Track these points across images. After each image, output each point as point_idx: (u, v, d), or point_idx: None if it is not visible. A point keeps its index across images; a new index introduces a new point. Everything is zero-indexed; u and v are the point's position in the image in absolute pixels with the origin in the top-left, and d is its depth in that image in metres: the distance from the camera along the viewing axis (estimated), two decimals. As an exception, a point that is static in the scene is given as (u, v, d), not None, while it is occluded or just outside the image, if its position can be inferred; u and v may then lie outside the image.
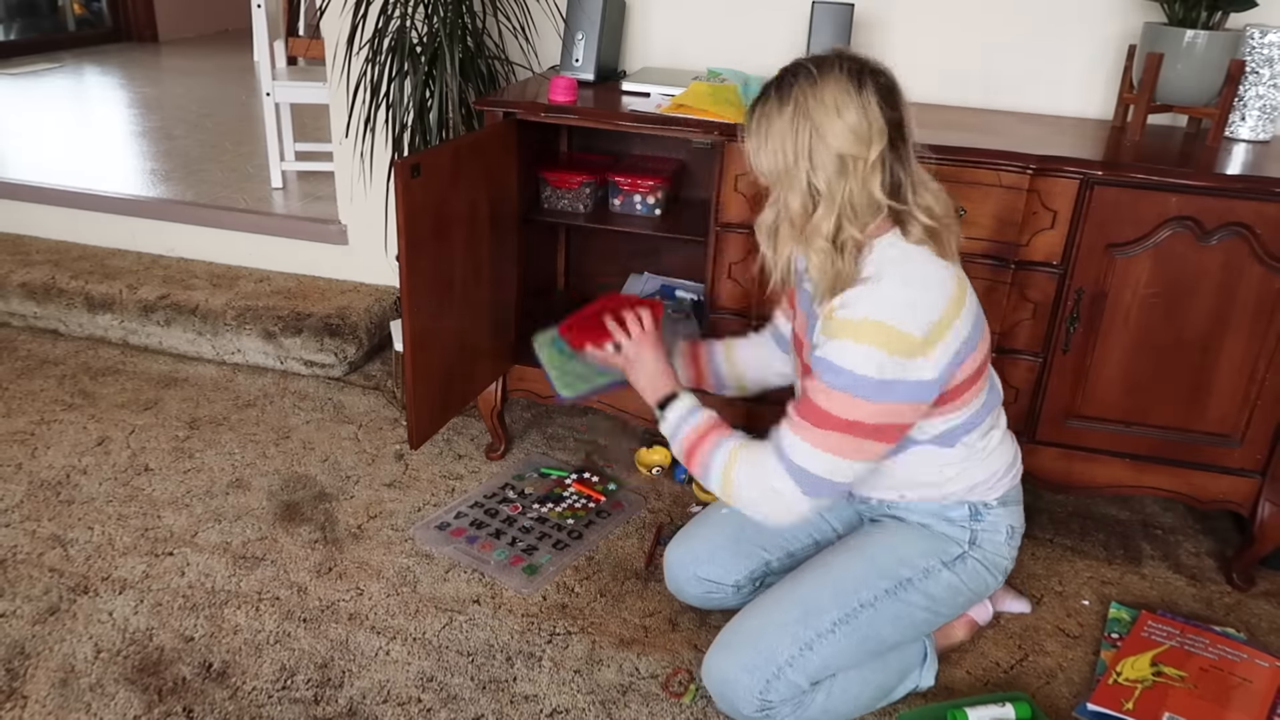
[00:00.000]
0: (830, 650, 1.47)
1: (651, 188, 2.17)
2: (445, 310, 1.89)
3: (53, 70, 5.37)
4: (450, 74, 2.17)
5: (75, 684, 1.61)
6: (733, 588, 1.68)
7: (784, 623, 1.47)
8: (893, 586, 1.51)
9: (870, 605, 1.49)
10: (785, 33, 2.31)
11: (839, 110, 1.30)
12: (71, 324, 2.84)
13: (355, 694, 1.61)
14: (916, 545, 1.54)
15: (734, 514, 1.69)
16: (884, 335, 1.31)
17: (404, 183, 1.68)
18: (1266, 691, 1.63)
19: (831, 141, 1.31)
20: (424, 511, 2.09)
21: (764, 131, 1.35)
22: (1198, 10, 1.88)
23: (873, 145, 1.31)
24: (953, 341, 1.35)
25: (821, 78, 1.31)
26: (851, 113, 1.30)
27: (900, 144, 1.35)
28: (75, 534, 1.97)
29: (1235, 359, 1.82)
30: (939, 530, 1.56)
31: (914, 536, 1.56)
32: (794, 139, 1.32)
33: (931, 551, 1.54)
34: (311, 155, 3.49)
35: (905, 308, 1.32)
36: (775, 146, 1.34)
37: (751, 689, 1.44)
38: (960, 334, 1.36)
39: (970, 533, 1.55)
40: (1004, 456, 1.56)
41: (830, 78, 1.31)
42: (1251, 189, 1.71)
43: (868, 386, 1.32)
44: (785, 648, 1.45)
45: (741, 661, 1.46)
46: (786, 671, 1.44)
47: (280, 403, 2.53)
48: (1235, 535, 2.10)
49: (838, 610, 1.48)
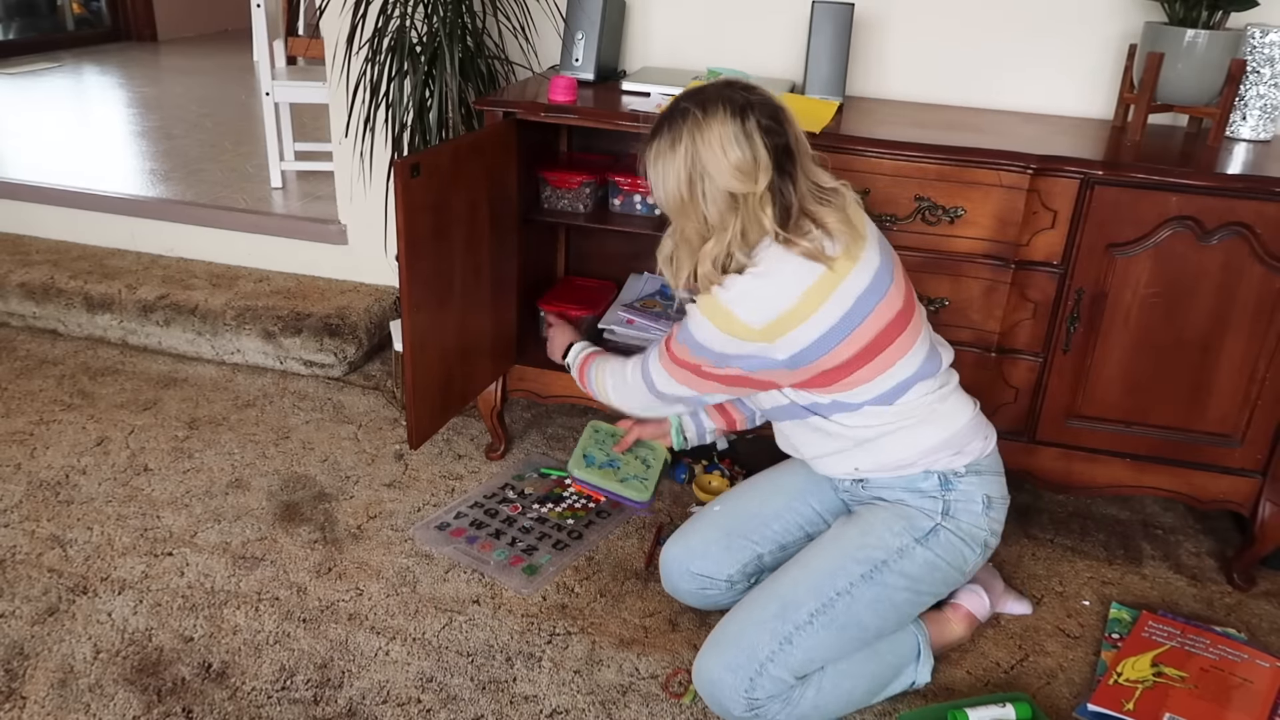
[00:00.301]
0: (811, 642, 1.48)
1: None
2: (445, 310, 1.89)
3: (52, 70, 5.37)
4: (450, 74, 2.16)
5: (74, 684, 1.60)
6: (726, 582, 1.68)
7: (763, 619, 1.49)
8: (868, 571, 1.52)
9: (846, 593, 1.50)
10: (785, 33, 2.30)
11: (724, 149, 1.39)
12: (71, 324, 2.84)
13: (355, 694, 1.61)
14: (888, 525, 1.55)
15: (726, 510, 1.74)
16: (725, 319, 1.46)
17: (404, 182, 1.68)
18: (1267, 692, 1.62)
19: (720, 180, 1.40)
20: (424, 512, 2.09)
21: (659, 169, 1.46)
22: (1198, 10, 1.88)
23: (759, 178, 1.40)
24: (806, 332, 1.45)
25: (706, 118, 1.40)
26: (735, 150, 1.39)
27: (789, 165, 1.42)
28: (74, 534, 1.97)
29: (1235, 359, 1.82)
30: (912, 505, 1.57)
31: (886, 516, 1.57)
32: (686, 177, 1.42)
33: (904, 529, 1.55)
34: (311, 155, 3.49)
35: (751, 301, 1.45)
36: (670, 184, 1.44)
37: (736, 688, 1.45)
38: (820, 326, 1.45)
39: (943, 503, 1.56)
40: (956, 420, 1.56)
41: (714, 117, 1.40)
42: (1252, 189, 1.71)
43: (708, 352, 1.51)
44: (765, 643, 1.46)
45: (725, 661, 1.47)
46: (769, 667, 1.45)
47: (280, 403, 2.52)
48: (1236, 535, 2.10)
49: (814, 601, 1.49)
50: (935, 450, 1.55)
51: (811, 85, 2.10)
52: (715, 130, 1.39)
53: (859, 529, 1.58)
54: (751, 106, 1.40)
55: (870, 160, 1.84)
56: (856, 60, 2.27)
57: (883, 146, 1.83)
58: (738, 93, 1.41)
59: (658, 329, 2.27)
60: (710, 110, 1.40)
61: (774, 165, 1.40)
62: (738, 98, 1.41)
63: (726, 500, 1.79)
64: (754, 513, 1.72)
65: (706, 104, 1.40)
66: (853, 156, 1.85)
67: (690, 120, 1.40)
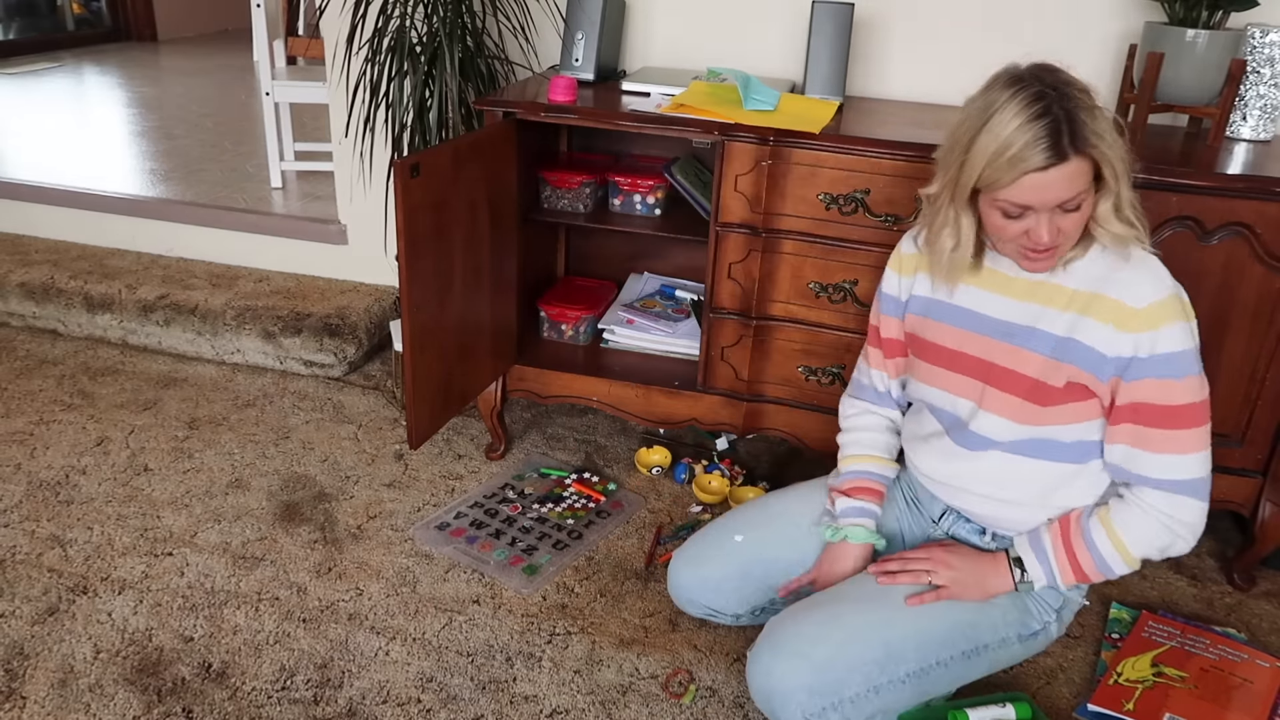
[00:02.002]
0: (893, 697, 1.41)
1: (651, 187, 2.17)
2: (445, 310, 1.89)
3: (52, 70, 5.37)
4: (450, 74, 2.16)
5: (74, 684, 1.60)
6: (732, 617, 1.66)
7: (863, 660, 1.38)
8: (970, 650, 1.45)
9: (944, 665, 1.44)
10: (785, 33, 2.30)
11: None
12: (70, 324, 2.84)
13: (355, 694, 1.61)
14: (1004, 611, 1.47)
15: (747, 543, 1.63)
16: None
17: (403, 182, 1.68)
18: (1267, 692, 1.62)
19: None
20: (424, 511, 2.09)
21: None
22: (1199, 10, 1.88)
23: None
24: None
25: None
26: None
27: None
28: (74, 534, 1.97)
29: (1236, 359, 1.82)
30: (1036, 594, 1.49)
31: (1005, 600, 1.48)
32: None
33: (1015, 621, 1.48)
34: (311, 155, 3.49)
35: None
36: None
37: (806, 707, 1.37)
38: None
39: (1062, 599, 1.50)
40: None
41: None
42: (1252, 189, 1.71)
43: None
44: (855, 684, 1.37)
45: (805, 680, 1.37)
46: (846, 706, 1.37)
47: (280, 403, 2.52)
48: (1236, 535, 2.10)
49: (916, 663, 1.41)
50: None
51: (811, 85, 2.10)
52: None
53: (977, 608, 1.46)
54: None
55: (870, 160, 1.84)
56: (856, 60, 2.27)
57: (883, 146, 1.83)
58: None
59: (658, 329, 2.27)
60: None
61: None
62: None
63: (748, 528, 1.64)
64: (776, 556, 1.61)
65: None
66: (853, 156, 1.85)
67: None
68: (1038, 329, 1.39)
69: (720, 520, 1.69)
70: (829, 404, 1.97)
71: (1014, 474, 1.45)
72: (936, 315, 1.50)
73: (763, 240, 1.95)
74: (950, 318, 1.49)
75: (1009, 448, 1.44)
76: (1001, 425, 1.43)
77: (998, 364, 1.43)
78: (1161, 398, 1.33)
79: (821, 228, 1.91)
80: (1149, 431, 1.34)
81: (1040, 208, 1.27)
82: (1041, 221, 1.28)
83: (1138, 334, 1.31)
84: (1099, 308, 1.34)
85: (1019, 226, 1.30)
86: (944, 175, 1.34)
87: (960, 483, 1.51)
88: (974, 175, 1.28)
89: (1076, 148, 1.22)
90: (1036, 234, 1.29)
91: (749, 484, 2.21)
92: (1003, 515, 1.49)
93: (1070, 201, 1.26)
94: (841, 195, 1.88)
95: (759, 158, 1.88)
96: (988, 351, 1.44)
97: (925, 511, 1.62)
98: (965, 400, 1.47)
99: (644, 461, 2.28)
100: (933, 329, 1.51)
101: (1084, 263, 1.36)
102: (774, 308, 2.01)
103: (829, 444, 1.73)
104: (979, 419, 1.45)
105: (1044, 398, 1.39)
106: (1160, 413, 1.33)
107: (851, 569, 1.56)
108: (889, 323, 1.59)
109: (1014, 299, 1.42)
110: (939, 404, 1.52)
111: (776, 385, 2.07)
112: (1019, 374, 1.40)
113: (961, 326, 1.47)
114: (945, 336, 1.49)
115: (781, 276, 1.98)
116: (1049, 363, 1.38)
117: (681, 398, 2.14)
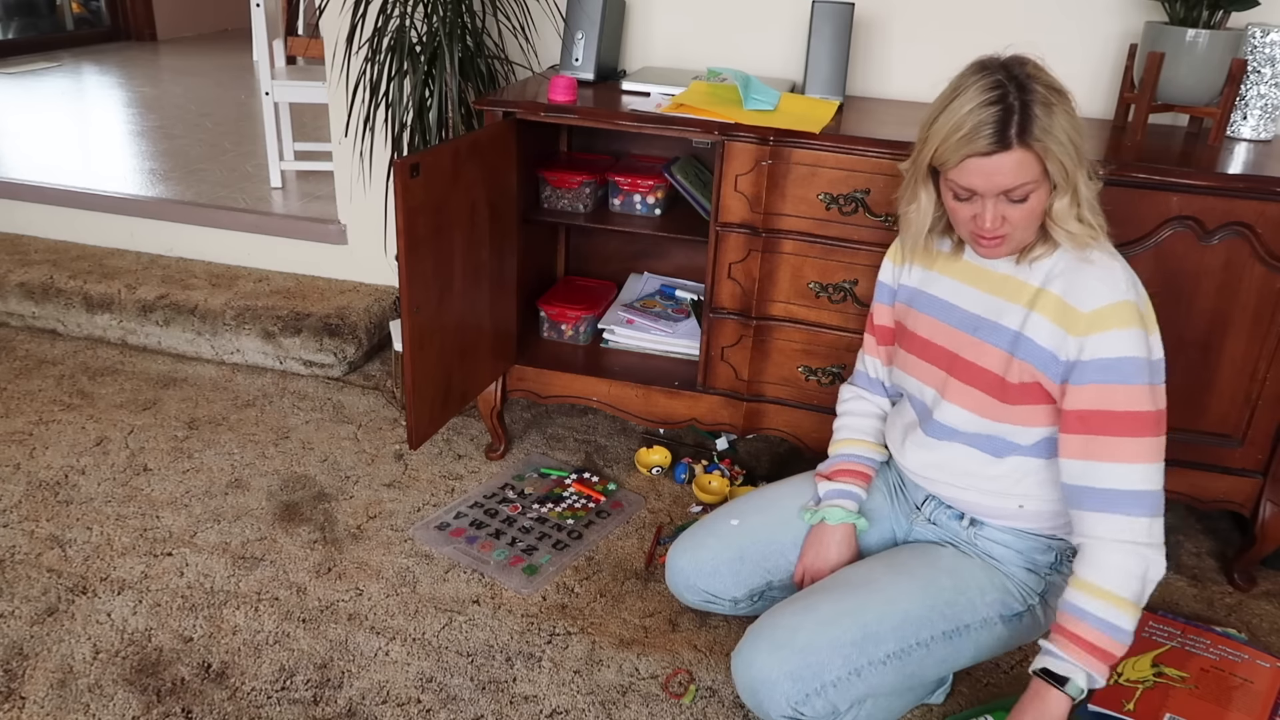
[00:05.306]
0: (876, 679, 1.42)
1: (651, 187, 2.17)
2: (445, 310, 1.89)
3: (51, 69, 5.36)
4: (450, 73, 2.16)
5: (74, 685, 1.60)
6: (730, 602, 1.66)
7: (839, 642, 1.40)
8: (950, 630, 1.46)
9: (925, 645, 1.44)
10: (785, 33, 2.30)
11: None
12: (70, 324, 2.84)
13: (354, 694, 1.61)
14: (982, 591, 1.48)
15: (743, 526, 1.66)
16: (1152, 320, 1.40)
17: (403, 182, 1.68)
18: (1268, 692, 1.62)
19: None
20: (423, 512, 2.08)
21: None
22: (1199, 9, 1.88)
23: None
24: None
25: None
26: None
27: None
28: (73, 534, 1.97)
29: (1236, 359, 1.82)
30: (1015, 578, 1.50)
31: (982, 579, 1.50)
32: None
33: (995, 601, 1.48)
34: (311, 155, 3.49)
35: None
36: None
37: (790, 696, 1.38)
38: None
39: (1045, 584, 1.51)
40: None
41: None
42: (1253, 189, 1.71)
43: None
44: (836, 667, 1.39)
45: (787, 668, 1.39)
46: (830, 691, 1.39)
47: (279, 403, 2.52)
48: (1236, 535, 2.10)
49: (895, 643, 1.42)
50: (1061, 515, 1.47)
51: (811, 85, 2.10)
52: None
53: (953, 581, 1.48)
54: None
55: (870, 160, 1.84)
56: (856, 60, 2.27)
57: (883, 146, 1.83)
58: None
59: (658, 329, 2.27)
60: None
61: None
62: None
63: (744, 513, 1.68)
64: (771, 538, 1.63)
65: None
66: (853, 156, 1.84)
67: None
68: (999, 323, 1.42)
69: (717, 510, 1.73)
70: (829, 404, 1.97)
71: (979, 465, 1.48)
72: (918, 305, 1.55)
73: (763, 240, 1.95)
74: (928, 308, 1.53)
75: (970, 440, 1.47)
76: (963, 416, 1.46)
77: (961, 355, 1.47)
78: (1104, 403, 1.32)
79: (821, 228, 1.91)
80: (1095, 440, 1.33)
81: (985, 193, 1.31)
82: (987, 207, 1.32)
83: (1082, 337, 1.33)
84: (1050, 306, 1.37)
85: (968, 210, 1.35)
86: (914, 151, 1.39)
87: (930, 472, 1.55)
88: (930, 152, 1.33)
89: (1022, 140, 1.26)
90: (981, 219, 1.33)
91: (749, 484, 2.21)
92: (976, 501, 1.52)
93: (1015, 191, 1.30)
94: (841, 195, 1.88)
95: (759, 158, 1.88)
96: (954, 342, 1.48)
97: (909, 498, 1.64)
98: (930, 389, 1.52)
99: (644, 461, 2.28)
100: (913, 318, 1.55)
101: (1049, 261, 1.39)
102: (774, 308, 2.01)
103: (829, 444, 1.74)
104: (941, 408, 1.49)
105: (1004, 394, 1.42)
106: (1104, 419, 1.32)
107: (836, 555, 1.59)
108: (881, 310, 1.64)
109: (983, 292, 1.46)
110: (912, 392, 1.57)
111: (776, 385, 2.07)
112: (979, 367, 1.44)
113: (935, 316, 1.51)
114: (921, 326, 1.53)
115: (781, 276, 1.98)
116: (1006, 357, 1.41)
117: (681, 398, 2.14)
